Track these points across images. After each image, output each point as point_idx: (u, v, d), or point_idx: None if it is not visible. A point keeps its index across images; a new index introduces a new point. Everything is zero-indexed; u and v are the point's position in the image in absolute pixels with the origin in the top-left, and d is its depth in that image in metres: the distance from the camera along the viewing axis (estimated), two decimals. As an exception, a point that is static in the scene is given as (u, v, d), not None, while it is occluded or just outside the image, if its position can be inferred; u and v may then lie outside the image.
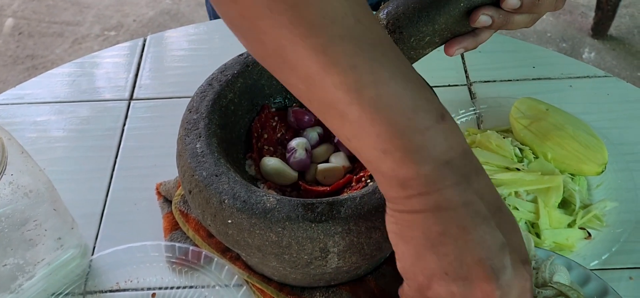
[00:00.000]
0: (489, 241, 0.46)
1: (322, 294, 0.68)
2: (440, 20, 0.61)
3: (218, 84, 0.70)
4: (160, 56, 1.03)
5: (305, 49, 0.45)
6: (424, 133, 0.46)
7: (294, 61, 0.46)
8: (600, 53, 2.42)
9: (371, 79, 0.45)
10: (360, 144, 0.48)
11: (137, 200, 0.80)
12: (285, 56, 0.46)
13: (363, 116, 0.46)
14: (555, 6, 0.62)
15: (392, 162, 0.46)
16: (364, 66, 0.45)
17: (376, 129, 0.46)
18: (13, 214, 0.62)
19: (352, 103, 0.45)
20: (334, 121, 0.48)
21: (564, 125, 0.79)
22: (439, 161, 0.46)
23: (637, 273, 0.70)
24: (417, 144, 0.46)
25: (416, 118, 0.46)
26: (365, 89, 0.45)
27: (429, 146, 0.46)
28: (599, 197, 0.76)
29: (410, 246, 0.49)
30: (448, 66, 0.96)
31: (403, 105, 0.46)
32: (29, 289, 0.67)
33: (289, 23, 0.45)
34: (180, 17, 2.71)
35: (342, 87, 0.45)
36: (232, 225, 0.58)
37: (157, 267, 0.71)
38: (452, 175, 0.46)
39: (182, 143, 0.65)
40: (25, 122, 0.92)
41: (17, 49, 2.54)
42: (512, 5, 0.60)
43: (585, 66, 0.98)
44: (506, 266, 0.47)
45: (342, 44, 0.45)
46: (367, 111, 0.45)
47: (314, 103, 0.49)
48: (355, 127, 0.47)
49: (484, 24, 0.61)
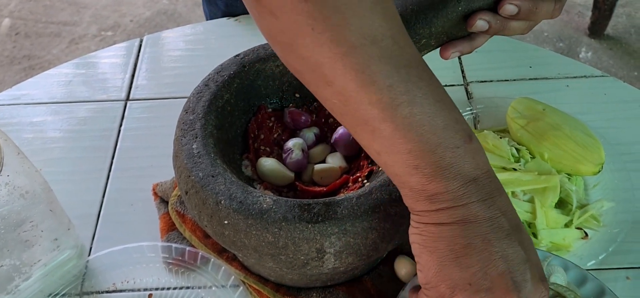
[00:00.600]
0: (512, 256, 0.48)
1: (319, 295, 0.68)
2: (437, 23, 0.61)
3: (214, 85, 0.70)
4: (157, 56, 1.03)
5: (344, 67, 0.46)
6: (453, 151, 0.48)
7: (332, 77, 0.48)
8: (597, 53, 2.43)
9: (406, 99, 0.47)
10: (390, 159, 0.50)
11: (133, 201, 0.80)
12: (323, 72, 0.48)
13: (396, 133, 0.47)
14: (551, 14, 0.63)
15: (422, 177, 0.48)
16: (399, 86, 0.47)
17: (408, 146, 0.48)
18: (9, 215, 0.62)
19: (386, 120, 0.47)
20: (365, 135, 0.50)
21: (560, 125, 0.79)
22: (467, 178, 0.48)
23: (634, 273, 0.70)
24: (447, 161, 0.48)
25: (447, 136, 0.48)
26: (400, 108, 0.47)
27: (458, 163, 0.48)
28: (596, 197, 0.76)
29: (435, 257, 0.51)
30: (445, 66, 0.96)
31: (435, 124, 0.47)
32: (25, 290, 0.67)
33: (330, 42, 0.46)
34: (177, 17, 2.71)
35: (378, 105, 0.47)
36: (229, 226, 0.58)
37: (153, 267, 0.71)
38: (478, 192, 0.48)
39: (179, 144, 0.65)
40: (21, 123, 0.91)
41: (14, 50, 2.54)
42: (510, 12, 0.60)
43: (582, 66, 0.98)
44: (527, 280, 0.49)
45: (379, 64, 0.46)
46: (400, 128, 0.47)
47: (346, 117, 0.50)
48: (386, 143, 0.48)
49: (480, 28, 0.61)
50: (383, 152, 0.50)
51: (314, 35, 0.46)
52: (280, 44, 0.50)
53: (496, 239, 0.48)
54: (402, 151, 0.48)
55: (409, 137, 0.47)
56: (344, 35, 0.46)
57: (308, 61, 0.48)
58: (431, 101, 0.48)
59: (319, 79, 0.49)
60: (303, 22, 0.46)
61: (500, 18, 0.61)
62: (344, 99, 0.48)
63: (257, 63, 0.73)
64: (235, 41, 1.04)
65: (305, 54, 0.48)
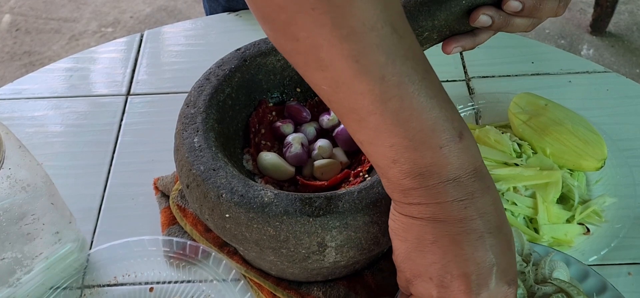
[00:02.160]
0: (478, 259, 0.49)
1: (320, 289, 0.68)
2: (440, 16, 0.61)
3: (215, 79, 0.70)
4: (157, 51, 1.03)
5: (341, 52, 0.45)
6: (436, 151, 0.47)
7: (327, 62, 0.46)
8: (598, 50, 2.42)
9: (397, 93, 0.46)
10: (372, 150, 0.49)
11: (134, 195, 0.80)
12: (318, 55, 0.46)
13: (382, 126, 0.47)
14: (556, 12, 0.62)
15: (399, 172, 0.49)
16: (392, 78, 0.46)
17: (392, 140, 0.47)
18: (11, 208, 0.62)
19: (374, 112, 0.47)
20: (351, 123, 0.49)
21: (563, 120, 0.78)
22: (445, 178, 0.48)
23: (635, 268, 0.70)
24: (427, 160, 0.48)
25: (433, 135, 0.47)
26: (390, 102, 0.46)
27: (439, 163, 0.48)
28: (598, 193, 0.76)
29: (403, 246, 0.52)
30: (446, 62, 0.96)
31: (422, 121, 0.47)
32: (27, 283, 0.67)
33: (331, 24, 0.45)
34: (177, 13, 2.70)
35: (368, 96, 0.46)
36: (230, 219, 0.58)
37: (154, 261, 0.71)
38: (455, 192, 0.48)
39: (180, 138, 0.65)
40: (22, 117, 0.91)
41: (14, 45, 2.54)
42: (514, 8, 0.60)
43: (585, 62, 0.98)
44: (489, 285, 0.49)
45: (376, 54, 0.45)
46: (387, 121, 0.47)
47: (334, 104, 0.49)
48: (371, 134, 0.48)
49: (483, 24, 0.61)
50: (366, 142, 0.50)
51: (314, 15, 0.45)
52: (274, 22, 0.48)
53: (465, 241, 0.49)
54: (385, 145, 0.48)
55: (394, 132, 0.47)
56: (345, 19, 0.44)
57: (304, 42, 0.47)
58: (423, 97, 0.47)
59: (313, 62, 0.48)
60: (304, 1, 0.44)
61: (504, 14, 0.61)
62: (335, 86, 0.48)
63: (258, 57, 0.73)
64: (235, 36, 1.04)
65: (301, 34, 0.46)
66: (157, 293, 0.69)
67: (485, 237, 0.49)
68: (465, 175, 0.48)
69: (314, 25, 0.45)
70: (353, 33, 0.45)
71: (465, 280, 0.49)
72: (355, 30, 0.45)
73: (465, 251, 0.49)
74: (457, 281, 0.49)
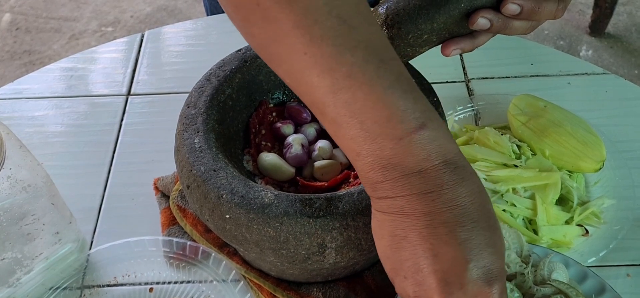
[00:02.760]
0: (447, 255, 0.46)
1: (320, 289, 0.68)
2: (439, 19, 0.61)
3: (216, 80, 0.70)
4: (158, 51, 1.03)
5: (287, 46, 0.46)
6: (396, 143, 0.46)
7: (279, 56, 0.47)
8: (597, 51, 2.42)
9: (347, 83, 0.45)
10: (339, 143, 0.49)
11: (134, 195, 0.80)
12: (271, 50, 0.47)
13: (338, 118, 0.47)
14: (554, 15, 0.62)
15: (363, 165, 0.48)
16: (341, 69, 0.45)
17: (349, 132, 0.47)
18: (11, 208, 0.62)
19: (327, 105, 0.46)
20: (318, 116, 0.49)
21: (562, 122, 0.79)
22: (409, 170, 0.46)
23: (634, 270, 0.70)
24: (387, 153, 0.46)
25: (390, 126, 0.46)
26: (340, 92, 0.46)
27: (401, 155, 0.46)
28: (597, 194, 0.76)
29: (380, 244, 0.51)
30: (446, 63, 0.96)
31: (378, 111, 0.46)
32: (27, 283, 0.67)
33: (274, 19, 0.45)
34: (177, 13, 2.71)
35: (320, 88, 0.46)
36: (230, 220, 0.58)
37: (154, 261, 0.71)
38: (421, 184, 0.46)
39: (180, 138, 0.65)
40: (23, 117, 0.91)
41: (14, 45, 2.54)
42: (512, 11, 0.60)
43: (584, 63, 0.98)
44: (463, 283, 0.46)
45: (322, 46, 0.45)
46: (341, 113, 0.46)
47: (301, 97, 0.49)
48: (333, 126, 0.48)
49: (482, 26, 0.61)
50: (332, 134, 0.49)
51: (261, 11, 0.45)
52: (235, 22, 0.49)
53: (432, 235, 0.46)
54: (346, 137, 0.47)
55: (349, 123, 0.46)
56: (286, 14, 0.45)
57: (258, 38, 0.48)
58: (377, 87, 0.46)
59: (269, 57, 0.49)
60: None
61: (503, 17, 0.61)
62: (293, 79, 0.48)
63: (258, 58, 0.73)
64: (236, 37, 1.02)
65: (254, 31, 0.47)
66: (157, 293, 0.70)
67: (456, 231, 0.46)
68: (431, 167, 0.46)
69: (263, 21, 0.46)
70: (297, 26, 0.45)
71: (436, 278, 0.46)
72: (299, 23, 0.45)
73: (433, 246, 0.46)
74: (428, 279, 0.47)
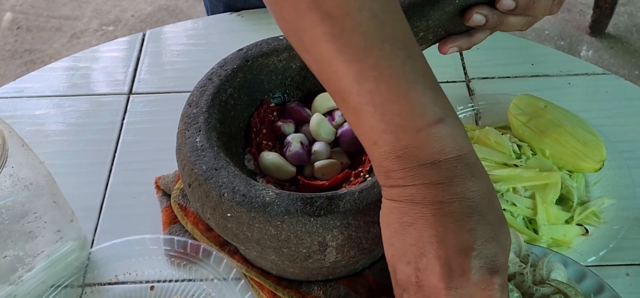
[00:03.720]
0: (452, 242, 0.47)
1: (320, 288, 0.68)
2: (434, 16, 0.61)
3: (218, 79, 0.70)
4: (160, 50, 1.03)
5: (318, 34, 0.47)
6: (413, 134, 0.47)
7: (309, 43, 0.49)
8: (598, 51, 2.43)
9: (372, 74, 0.47)
10: (358, 131, 0.51)
11: (136, 194, 0.80)
12: (301, 37, 0.49)
13: (360, 107, 0.48)
14: (550, 10, 0.62)
15: (379, 154, 0.49)
16: (368, 60, 0.47)
17: (369, 121, 0.48)
18: (13, 206, 0.62)
19: (351, 93, 0.48)
20: (339, 104, 0.51)
21: (562, 122, 0.79)
22: (423, 160, 0.48)
23: (634, 269, 0.71)
24: (404, 142, 0.48)
25: (410, 118, 0.47)
26: (365, 82, 0.47)
27: (417, 146, 0.48)
28: (597, 194, 0.76)
29: (387, 231, 0.52)
30: (446, 63, 0.97)
31: (399, 103, 0.47)
32: (28, 281, 0.67)
33: (307, 8, 0.47)
34: (178, 12, 2.71)
35: (345, 77, 0.48)
36: (232, 219, 0.58)
37: (155, 260, 0.72)
38: (434, 175, 0.48)
39: (182, 137, 0.65)
40: (24, 115, 0.92)
41: (15, 44, 2.54)
42: (507, 6, 0.60)
43: (584, 64, 0.98)
44: (465, 270, 0.47)
45: (352, 36, 0.47)
46: (364, 102, 0.48)
47: (325, 85, 0.51)
48: (353, 114, 0.49)
49: (477, 22, 0.61)
50: (352, 123, 0.51)
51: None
52: (268, 4, 0.51)
53: (439, 223, 0.48)
54: (366, 126, 0.49)
55: (371, 113, 0.48)
56: (320, 3, 0.46)
57: (289, 24, 0.50)
58: (402, 80, 0.47)
59: (299, 43, 0.50)
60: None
61: (498, 13, 0.61)
62: (319, 67, 0.50)
63: (260, 58, 0.73)
64: (237, 36, 1.04)
65: (286, 17, 0.49)
66: (158, 291, 0.70)
67: (463, 221, 0.47)
68: (444, 160, 0.48)
69: (295, 9, 0.48)
70: (328, 16, 0.46)
71: (440, 263, 0.48)
72: (331, 13, 0.46)
73: (439, 233, 0.48)
74: (432, 263, 0.48)
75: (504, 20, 0.62)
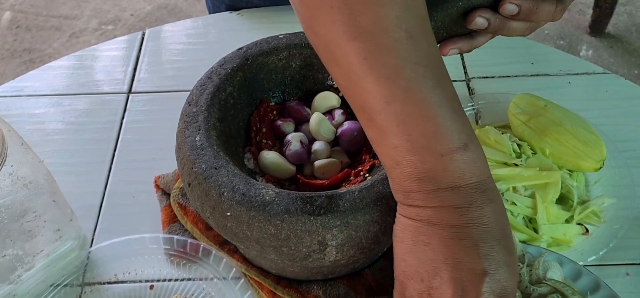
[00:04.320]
0: (467, 265, 0.49)
1: (320, 287, 0.68)
2: (437, 17, 0.61)
3: (217, 78, 0.70)
4: (159, 49, 1.03)
5: (351, 49, 0.47)
6: (438, 158, 0.48)
7: (340, 57, 0.49)
8: (597, 51, 2.43)
9: (402, 96, 0.47)
10: (379, 149, 0.51)
11: (135, 193, 0.80)
12: (333, 51, 0.49)
13: (386, 126, 0.49)
14: (553, 17, 0.62)
15: (401, 174, 0.50)
16: (400, 81, 0.47)
17: (395, 142, 0.49)
18: (12, 205, 0.62)
19: (379, 112, 0.48)
20: (363, 120, 0.51)
21: (562, 121, 0.79)
22: (444, 184, 0.49)
23: (634, 269, 0.71)
24: (427, 166, 0.48)
25: (435, 142, 0.48)
26: (394, 103, 0.48)
27: (439, 170, 0.48)
28: (597, 193, 0.76)
29: (400, 247, 0.53)
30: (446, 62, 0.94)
31: (426, 127, 0.48)
32: (27, 280, 0.67)
33: (343, 22, 0.47)
34: (177, 11, 2.71)
35: (375, 95, 0.48)
36: (231, 218, 0.58)
37: (155, 259, 0.72)
38: (453, 199, 0.49)
39: (182, 136, 0.65)
40: (23, 114, 0.91)
41: (14, 43, 2.54)
42: (510, 11, 0.60)
43: (584, 63, 0.98)
44: (478, 294, 0.49)
45: (386, 56, 0.47)
46: (391, 122, 0.48)
47: (349, 100, 0.52)
48: (378, 133, 0.50)
49: (479, 26, 0.61)
50: (374, 140, 0.51)
51: (331, 13, 0.47)
52: (301, 17, 0.51)
53: (456, 246, 0.49)
54: (389, 145, 0.49)
55: (397, 133, 0.48)
56: (357, 18, 0.46)
57: (322, 37, 0.49)
58: (432, 104, 0.48)
59: (329, 57, 0.50)
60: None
61: (500, 17, 0.61)
62: (348, 82, 0.50)
63: (260, 57, 0.73)
64: (236, 35, 1.04)
65: (319, 30, 0.49)
66: (157, 291, 0.70)
67: (479, 246, 0.49)
68: (465, 185, 0.49)
69: (330, 22, 0.47)
70: (364, 32, 0.46)
71: (453, 284, 0.49)
72: (367, 30, 0.46)
73: (455, 255, 0.49)
74: (445, 284, 0.49)
75: (506, 25, 0.62)
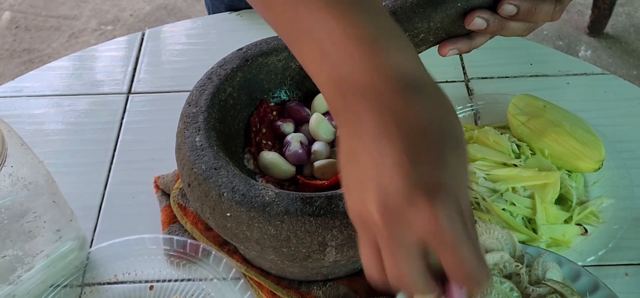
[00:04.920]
0: (389, 162, 0.41)
1: (320, 288, 0.68)
2: (436, 18, 0.61)
3: (217, 78, 0.70)
4: (159, 50, 1.03)
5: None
6: (354, 60, 0.44)
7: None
8: (596, 51, 2.43)
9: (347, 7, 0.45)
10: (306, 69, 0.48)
11: (135, 193, 0.80)
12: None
13: (323, 13, 0.45)
14: (551, 17, 0.63)
15: (323, 88, 0.46)
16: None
17: (307, 48, 0.46)
18: (12, 206, 0.62)
19: (321, 10, 0.45)
20: (292, 45, 0.49)
21: (561, 122, 0.79)
22: (362, 86, 0.44)
23: (633, 269, 0.71)
24: (340, 70, 0.44)
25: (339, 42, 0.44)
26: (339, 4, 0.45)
27: (356, 73, 0.44)
28: (596, 194, 0.77)
29: (338, 161, 0.46)
30: (445, 62, 0.97)
31: (367, 25, 0.44)
32: (27, 280, 0.67)
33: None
34: (177, 12, 2.71)
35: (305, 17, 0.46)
36: (231, 218, 0.58)
37: (155, 259, 0.72)
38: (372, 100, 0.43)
39: (182, 136, 0.65)
40: (23, 115, 0.92)
41: (13, 43, 2.53)
42: (508, 12, 0.60)
43: (583, 64, 0.98)
44: (400, 192, 0.40)
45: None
46: (332, 11, 0.44)
47: (278, 28, 0.49)
48: (309, 22, 0.46)
49: (478, 26, 0.61)
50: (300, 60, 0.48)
51: None
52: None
53: (378, 147, 0.42)
54: (322, 30, 0.45)
55: (335, 16, 0.44)
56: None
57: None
58: (372, 15, 0.45)
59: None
60: None
61: (499, 17, 0.61)
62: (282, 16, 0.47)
63: (259, 57, 0.73)
64: (236, 35, 1.04)
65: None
66: (157, 291, 0.70)
67: (403, 144, 0.41)
68: (386, 81, 0.43)
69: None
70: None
71: (376, 193, 0.42)
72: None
73: (374, 157, 0.42)
74: (369, 194, 0.42)
75: (504, 26, 0.62)
